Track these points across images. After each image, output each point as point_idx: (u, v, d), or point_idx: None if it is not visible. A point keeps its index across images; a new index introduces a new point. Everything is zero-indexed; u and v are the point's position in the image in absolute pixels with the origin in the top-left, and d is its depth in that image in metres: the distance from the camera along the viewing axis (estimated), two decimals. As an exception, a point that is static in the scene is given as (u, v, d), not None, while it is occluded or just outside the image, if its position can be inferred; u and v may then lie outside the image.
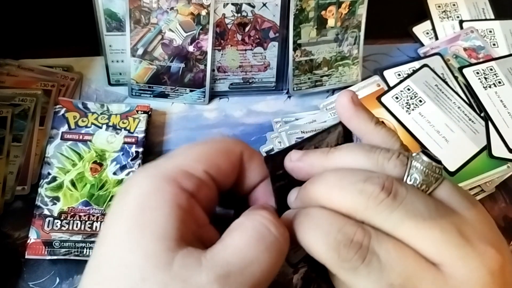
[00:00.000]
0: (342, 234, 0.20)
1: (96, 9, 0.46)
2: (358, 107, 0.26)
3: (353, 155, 0.23)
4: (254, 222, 0.21)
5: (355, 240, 0.20)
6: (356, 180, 0.21)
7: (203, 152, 0.24)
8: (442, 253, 0.19)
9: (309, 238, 0.21)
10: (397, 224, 0.20)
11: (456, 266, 0.19)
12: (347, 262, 0.20)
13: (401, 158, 0.22)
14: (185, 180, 0.22)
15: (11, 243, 0.40)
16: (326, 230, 0.21)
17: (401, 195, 0.20)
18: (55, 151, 0.42)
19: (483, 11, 0.59)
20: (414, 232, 0.20)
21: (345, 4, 0.48)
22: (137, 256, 0.19)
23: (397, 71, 0.53)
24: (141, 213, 0.20)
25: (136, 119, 0.45)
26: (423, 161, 0.22)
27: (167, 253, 0.19)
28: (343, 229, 0.20)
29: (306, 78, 0.50)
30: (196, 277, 0.19)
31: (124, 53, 0.48)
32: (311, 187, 0.23)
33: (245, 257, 0.20)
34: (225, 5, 0.47)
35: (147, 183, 0.21)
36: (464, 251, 0.19)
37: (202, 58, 0.48)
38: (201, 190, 0.22)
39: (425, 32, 0.58)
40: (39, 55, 0.50)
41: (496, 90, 0.52)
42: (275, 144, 0.47)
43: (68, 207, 0.40)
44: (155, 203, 0.21)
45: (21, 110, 0.45)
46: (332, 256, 0.20)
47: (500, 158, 0.48)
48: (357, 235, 0.20)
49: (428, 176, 0.21)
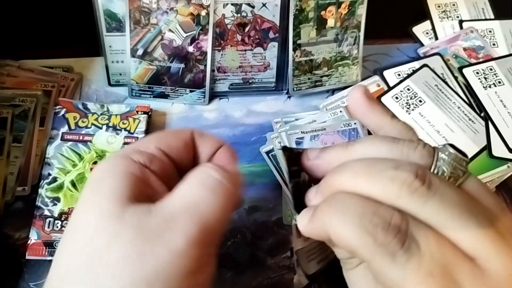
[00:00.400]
0: (378, 217, 0.19)
1: (96, 9, 0.46)
2: (373, 101, 0.26)
3: (376, 146, 0.22)
4: (197, 171, 0.23)
5: (393, 223, 0.19)
6: (387, 167, 0.20)
7: (155, 135, 0.27)
8: (478, 247, 0.19)
9: (338, 223, 0.20)
10: (433, 214, 0.19)
11: (492, 261, 0.19)
12: (385, 247, 0.18)
13: (428, 149, 0.21)
14: (136, 155, 0.24)
15: (12, 244, 0.40)
16: (360, 212, 0.19)
17: (435, 184, 0.19)
18: (55, 151, 0.42)
19: (483, 11, 0.59)
20: (450, 223, 0.19)
21: (345, 4, 0.48)
22: (92, 214, 0.21)
23: (397, 71, 0.53)
24: (97, 182, 0.23)
25: (136, 120, 0.45)
26: (450, 153, 0.21)
27: (119, 208, 0.21)
28: (379, 211, 0.19)
29: (306, 78, 0.50)
30: (144, 222, 0.20)
31: (124, 54, 0.48)
32: (335, 177, 0.22)
33: (190, 200, 0.22)
34: (225, 6, 0.47)
35: (105, 163, 0.24)
36: (500, 246, 0.19)
37: (202, 58, 0.48)
38: (154, 163, 0.24)
39: (425, 32, 0.58)
40: (39, 55, 0.50)
41: (496, 90, 0.52)
42: (275, 144, 0.47)
43: (68, 207, 0.40)
44: (109, 173, 0.23)
45: (21, 110, 0.45)
46: (367, 241, 0.19)
47: (500, 158, 0.48)
48: (395, 218, 0.19)
49: (455, 169, 0.21)
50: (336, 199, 0.21)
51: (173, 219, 0.20)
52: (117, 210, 0.21)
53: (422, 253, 0.18)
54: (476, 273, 0.18)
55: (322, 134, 0.47)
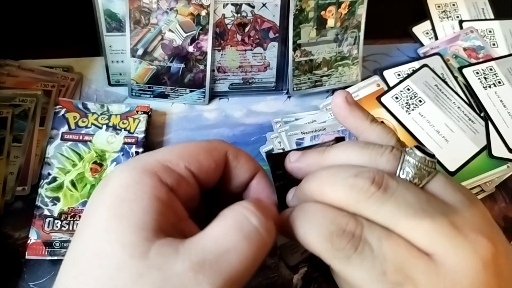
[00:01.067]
0: (334, 225, 0.21)
1: (96, 9, 0.46)
2: (353, 106, 0.27)
3: (347, 152, 0.24)
4: (234, 212, 0.21)
5: (348, 230, 0.20)
6: (347, 175, 0.22)
7: (185, 149, 0.24)
8: (433, 243, 0.20)
9: (304, 231, 0.22)
10: (388, 216, 0.21)
11: (448, 256, 0.19)
12: (340, 252, 0.20)
13: (394, 153, 0.23)
14: (165, 174, 0.22)
15: (12, 244, 0.40)
16: (320, 221, 0.21)
17: (391, 188, 0.21)
18: (55, 151, 0.42)
19: (483, 11, 0.59)
20: (405, 223, 0.20)
21: (345, 4, 0.49)
22: (114, 246, 0.19)
23: (397, 71, 0.53)
24: (119, 204, 0.20)
25: (136, 120, 0.45)
26: (415, 155, 0.22)
27: (144, 243, 0.19)
28: (336, 220, 0.21)
29: (306, 78, 0.50)
30: (171, 264, 0.19)
31: (124, 54, 0.48)
32: (306, 185, 0.24)
33: (222, 245, 0.20)
34: (225, 6, 0.47)
35: (127, 175, 0.21)
36: (456, 240, 0.20)
37: (202, 58, 0.48)
38: (181, 186, 0.22)
39: (424, 32, 0.58)
40: (39, 55, 0.50)
41: (496, 90, 0.52)
42: (275, 144, 0.47)
43: (68, 207, 0.40)
44: (134, 195, 0.21)
45: (21, 110, 0.45)
46: (325, 246, 0.21)
47: (500, 158, 0.48)
48: (350, 225, 0.21)
49: (420, 170, 0.22)
50: (304, 209, 0.23)
51: (202, 266, 0.19)
52: (143, 246, 0.19)
53: (375, 254, 0.20)
54: (432, 269, 0.19)
55: (322, 134, 0.47)
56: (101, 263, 0.19)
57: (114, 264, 0.19)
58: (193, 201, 0.24)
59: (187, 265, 0.19)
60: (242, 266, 0.20)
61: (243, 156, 0.26)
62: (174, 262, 0.19)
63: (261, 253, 0.21)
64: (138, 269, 0.19)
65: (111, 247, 0.19)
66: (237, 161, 0.25)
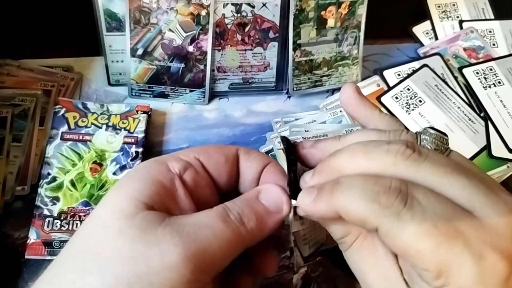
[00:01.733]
0: (379, 185, 0.21)
1: (96, 9, 0.46)
2: (363, 97, 0.28)
3: (366, 136, 0.24)
4: (220, 205, 0.23)
5: (393, 187, 0.20)
6: (380, 143, 0.22)
7: (197, 147, 0.26)
8: (473, 199, 0.20)
9: (346, 200, 0.21)
10: (428, 175, 0.21)
11: (487, 212, 0.20)
12: (389, 208, 0.20)
13: (410, 133, 0.24)
14: (173, 162, 0.24)
15: (11, 243, 0.40)
16: (362, 186, 0.21)
17: (424, 152, 0.22)
18: (55, 151, 0.42)
19: (483, 11, 0.59)
20: (445, 181, 0.21)
21: (345, 4, 0.48)
22: (105, 209, 0.22)
23: (397, 71, 0.53)
24: (124, 180, 0.23)
25: (136, 119, 0.45)
26: (430, 133, 0.23)
27: (132, 209, 0.21)
28: (379, 181, 0.21)
29: (306, 78, 0.50)
30: (152, 228, 0.21)
31: (124, 53, 0.48)
32: (333, 159, 0.23)
33: (201, 222, 0.22)
34: (225, 5, 0.47)
35: (142, 163, 0.25)
36: (492, 198, 0.20)
37: (202, 58, 0.48)
38: (188, 171, 0.24)
39: (425, 32, 0.58)
40: (39, 55, 0.50)
41: (496, 90, 0.52)
42: (275, 144, 0.47)
43: (68, 207, 0.40)
44: (138, 174, 0.23)
45: (21, 110, 0.45)
46: (372, 207, 0.20)
47: (500, 158, 0.48)
48: (394, 183, 0.21)
49: (438, 146, 0.23)
50: (340, 182, 0.22)
51: (179, 233, 0.21)
52: (131, 211, 0.21)
53: (424, 208, 0.20)
54: (475, 223, 0.20)
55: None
56: (91, 223, 0.22)
57: (101, 223, 0.21)
58: (205, 192, 0.25)
59: (167, 230, 0.21)
60: (217, 244, 0.21)
61: (254, 151, 0.27)
62: (157, 226, 0.21)
63: (236, 241, 0.22)
64: (120, 227, 0.20)
65: (103, 210, 0.22)
66: (248, 155, 0.26)
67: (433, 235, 0.19)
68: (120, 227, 0.20)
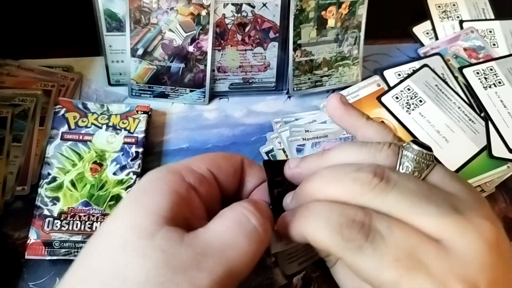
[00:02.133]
0: (343, 216, 0.21)
1: (96, 9, 0.46)
2: (348, 105, 0.28)
3: (346, 151, 0.24)
4: (235, 211, 0.23)
5: (357, 220, 0.20)
6: (349, 170, 0.22)
7: (207, 155, 0.26)
8: (440, 228, 0.20)
9: (311, 227, 0.22)
10: (394, 205, 0.21)
11: (456, 240, 0.20)
12: (351, 242, 0.20)
13: (392, 148, 0.23)
14: (188, 173, 0.24)
15: (11, 244, 0.40)
16: (327, 215, 0.21)
17: (393, 179, 0.21)
18: (55, 151, 0.42)
19: (483, 11, 0.59)
20: (412, 211, 0.20)
21: (345, 4, 0.48)
22: (123, 227, 0.21)
23: (397, 71, 0.53)
24: (139, 194, 0.22)
25: (136, 119, 0.45)
26: (413, 149, 0.23)
27: (153, 226, 0.20)
28: (344, 212, 0.21)
29: (306, 78, 0.50)
30: (175, 249, 0.20)
31: (124, 53, 0.48)
32: (307, 185, 0.24)
33: (223, 240, 0.21)
34: (225, 5, 0.47)
35: (153, 173, 0.24)
36: (461, 224, 0.20)
37: (202, 58, 0.48)
38: (203, 185, 0.24)
39: (425, 32, 0.58)
40: (39, 55, 0.50)
41: (496, 90, 0.52)
42: (275, 144, 0.47)
43: (68, 207, 0.40)
44: (154, 186, 0.23)
45: (21, 110, 0.45)
46: (336, 239, 0.20)
47: (500, 158, 0.48)
48: (358, 215, 0.21)
49: (419, 163, 0.23)
50: (309, 207, 0.23)
51: (204, 256, 0.20)
52: (151, 228, 0.20)
53: (387, 242, 0.20)
54: (442, 253, 0.19)
55: (324, 141, 0.47)
56: (109, 241, 0.21)
57: (120, 243, 0.20)
58: (214, 203, 0.25)
59: (190, 253, 0.20)
60: (241, 261, 0.21)
61: (256, 165, 0.28)
62: (179, 248, 0.20)
63: (259, 251, 0.22)
64: (143, 249, 0.20)
65: (120, 228, 0.21)
66: (250, 169, 0.27)
67: (394, 268, 0.19)
68: (143, 250, 0.20)
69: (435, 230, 0.20)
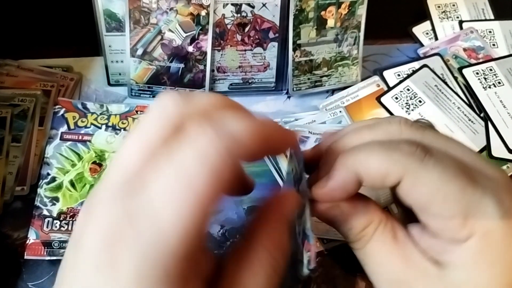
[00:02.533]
0: (393, 141, 0.22)
1: (96, 9, 0.46)
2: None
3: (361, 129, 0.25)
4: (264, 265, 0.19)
5: (411, 140, 0.22)
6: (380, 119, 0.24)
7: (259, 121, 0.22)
8: (475, 159, 0.22)
9: (365, 157, 0.22)
10: (433, 139, 0.22)
11: (488, 168, 0.22)
12: (413, 155, 0.21)
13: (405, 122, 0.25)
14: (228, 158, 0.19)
15: (10, 244, 0.40)
16: (379, 143, 0.22)
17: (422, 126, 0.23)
18: (54, 151, 0.42)
19: (483, 11, 0.59)
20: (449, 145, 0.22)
21: (345, 4, 0.48)
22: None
23: (397, 71, 0.53)
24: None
25: (136, 120, 0.45)
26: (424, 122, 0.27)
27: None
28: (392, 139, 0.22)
29: (306, 78, 0.50)
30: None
31: (123, 54, 0.48)
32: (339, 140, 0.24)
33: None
34: (225, 6, 0.47)
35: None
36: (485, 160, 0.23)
37: (202, 58, 0.48)
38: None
39: (424, 33, 0.58)
40: (38, 55, 0.50)
41: (496, 91, 0.52)
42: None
43: (67, 207, 0.40)
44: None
45: (21, 110, 0.45)
46: (395, 157, 0.21)
47: (500, 158, 0.48)
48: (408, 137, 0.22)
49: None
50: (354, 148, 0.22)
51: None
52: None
53: (444, 157, 0.21)
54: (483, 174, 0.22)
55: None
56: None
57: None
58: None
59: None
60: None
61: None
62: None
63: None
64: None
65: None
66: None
67: (458, 179, 0.20)
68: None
69: (472, 161, 0.22)
